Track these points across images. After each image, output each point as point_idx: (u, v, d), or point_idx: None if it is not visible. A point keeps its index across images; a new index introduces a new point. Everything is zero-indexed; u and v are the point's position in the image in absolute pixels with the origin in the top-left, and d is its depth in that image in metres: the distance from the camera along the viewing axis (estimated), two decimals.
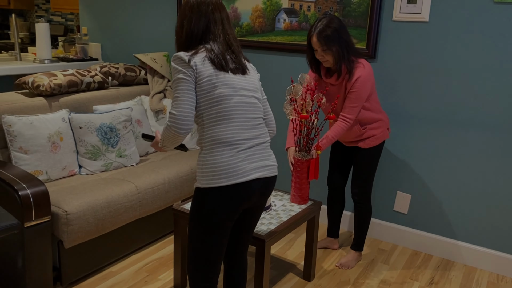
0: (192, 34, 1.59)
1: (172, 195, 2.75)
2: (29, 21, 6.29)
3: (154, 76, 3.41)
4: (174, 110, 1.50)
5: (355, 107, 2.27)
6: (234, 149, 1.54)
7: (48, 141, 2.48)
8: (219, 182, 1.52)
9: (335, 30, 2.17)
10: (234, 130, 1.55)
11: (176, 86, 1.52)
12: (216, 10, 1.61)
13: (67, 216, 2.14)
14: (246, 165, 1.56)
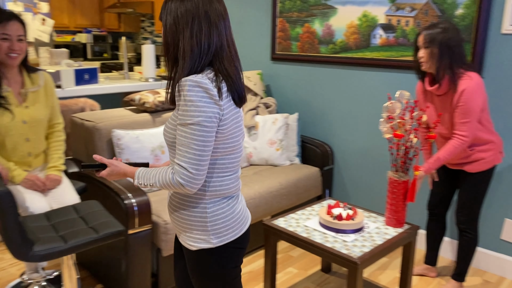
0: (207, 50, 1.20)
1: (262, 209, 2.78)
2: (136, 42, 6.86)
3: (247, 94, 3.51)
4: (191, 167, 1.18)
5: (467, 123, 2.11)
6: (239, 198, 1.40)
7: (151, 154, 2.65)
8: (234, 234, 1.34)
9: (444, 32, 2.07)
10: (238, 179, 1.38)
11: (195, 132, 1.16)
12: (226, 18, 1.25)
13: (166, 225, 2.26)
14: (244, 207, 1.43)
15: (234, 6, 3.83)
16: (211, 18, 1.20)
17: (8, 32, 1.95)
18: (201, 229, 1.29)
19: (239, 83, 1.25)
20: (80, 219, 1.92)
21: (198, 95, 1.14)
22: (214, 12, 1.20)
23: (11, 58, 1.98)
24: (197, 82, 1.15)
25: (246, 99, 1.31)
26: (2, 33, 1.94)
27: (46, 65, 4.31)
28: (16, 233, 1.82)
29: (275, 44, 3.59)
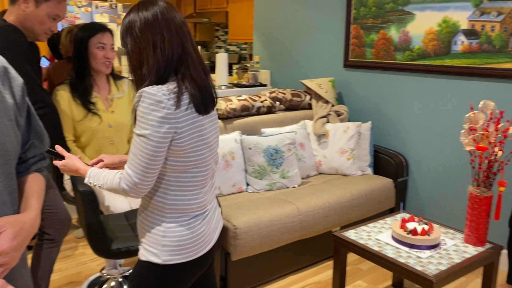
0: (171, 58, 1.18)
1: (331, 220, 2.73)
2: (210, 51, 7.08)
3: (318, 101, 3.48)
4: (135, 176, 1.16)
5: None
6: (204, 218, 1.30)
7: (222, 159, 2.71)
8: (188, 256, 1.26)
9: None
10: (205, 196, 1.29)
11: (142, 143, 1.15)
12: (185, 24, 1.23)
13: (235, 230, 2.29)
14: (210, 229, 1.33)
15: (305, 13, 3.83)
16: (171, 26, 1.18)
17: (104, 41, 2.10)
18: (155, 242, 1.24)
19: (205, 88, 1.22)
20: None
21: (150, 107, 1.12)
22: (173, 20, 1.19)
23: (106, 66, 2.13)
24: (150, 94, 1.13)
25: (213, 106, 1.27)
26: (99, 42, 2.09)
27: (127, 72, 4.58)
28: (97, 230, 1.94)
29: (348, 51, 3.52)
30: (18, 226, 0.88)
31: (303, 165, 3.08)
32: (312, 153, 3.17)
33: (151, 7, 1.19)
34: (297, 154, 3.05)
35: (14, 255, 0.86)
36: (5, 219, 0.86)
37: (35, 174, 1.06)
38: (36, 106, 1.78)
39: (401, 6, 3.11)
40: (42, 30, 1.86)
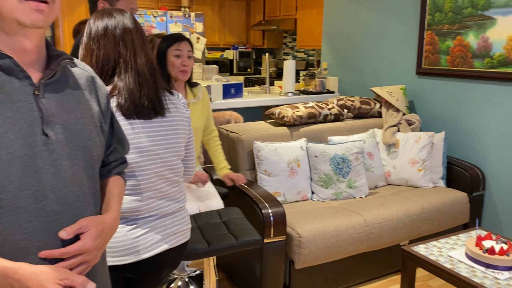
0: (105, 65, 1.31)
1: (400, 233, 2.63)
2: (277, 57, 7.14)
3: (388, 109, 3.38)
4: None
5: None
6: (146, 223, 1.33)
7: (288, 166, 2.72)
8: (122, 259, 1.30)
9: None
10: (147, 201, 1.32)
11: None
12: (128, 34, 1.32)
13: (300, 238, 2.28)
14: (155, 235, 1.34)
15: (376, 19, 3.74)
16: (110, 36, 1.29)
17: (181, 48, 2.20)
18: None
19: (139, 95, 1.28)
20: (222, 224, 2.05)
21: None
22: (115, 30, 1.30)
23: (183, 74, 2.22)
24: None
25: (154, 113, 1.30)
26: (176, 49, 2.19)
27: (198, 79, 4.74)
28: None
29: (422, 58, 3.39)
30: (101, 226, 0.94)
31: (371, 175, 3.00)
32: (380, 163, 3.08)
33: (101, 19, 1.32)
34: (365, 164, 2.98)
35: (96, 253, 0.93)
36: (89, 220, 0.93)
37: (116, 177, 1.13)
38: None
39: (480, 11, 2.94)
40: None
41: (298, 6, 5.84)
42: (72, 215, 0.91)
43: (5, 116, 0.82)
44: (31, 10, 0.83)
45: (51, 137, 0.88)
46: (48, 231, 0.87)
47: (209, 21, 6.74)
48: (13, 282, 0.80)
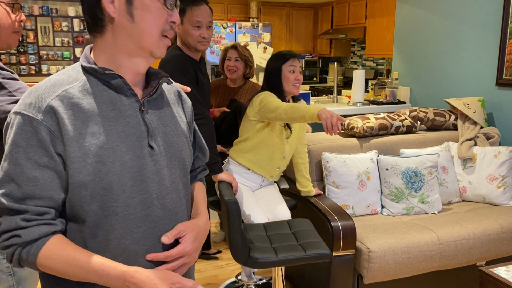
0: None
1: (476, 252, 2.50)
2: (344, 66, 7.06)
3: (465, 122, 3.22)
4: None
5: None
6: None
7: (357, 179, 2.68)
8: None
9: None
10: None
11: None
12: None
13: (369, 253, 2.24)
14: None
15: (452, 27, 3.59)
16: None
17: (295, 64, 2.33)
18: None
19: None
20: (292, 235, 2.07)
21: None
22: None
23: (296, 88, 2.34)
24: None
25: None
26: (291, 65, 2.32)
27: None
28: (238, 237, 2.07)
29: (503, 68, 3.21)
30: (196, 230, 1.02)
31: (445, 190, 2.88)
32: (455, 178, 2.95)
33: None
34: (439, 178, 2.86)
35: (195, 255, 1.01)
36: (185, 224, 1.01)
37: (199, 183, 1.21)
38: (196, 117, 2.01)
39: None
40: (194, 40, 2.07)
41: (368, 15, 5.75)
42: (172, 220, 0.99)
43: (117, 130, 0.92)
44: (164, 46, 0.96)
45: (155, 149, 0.96)
46: (154, 235, 0.95)
47: (276, 30, 6.82)
48: (130, 285, 0.88)
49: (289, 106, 2.06)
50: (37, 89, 0.89)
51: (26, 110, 0.87)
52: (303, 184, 2.54)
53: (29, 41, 5.82)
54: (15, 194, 0.86)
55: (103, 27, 0.92)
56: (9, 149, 0.87)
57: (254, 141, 2.34)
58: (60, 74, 0.93)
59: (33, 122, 0.86)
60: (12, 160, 0.86)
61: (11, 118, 0.88)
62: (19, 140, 0.86)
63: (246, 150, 2.36)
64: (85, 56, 0.95)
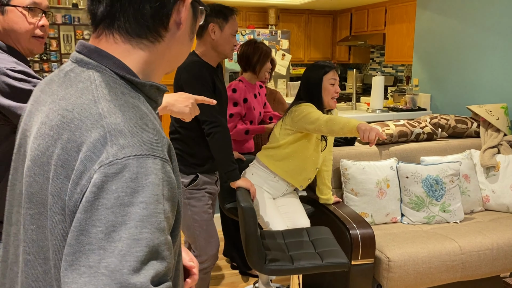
0: None
1: (500, 263, 2.42)
2: (363, 73, 7.00)
3: (487, 129, 3.15)
4: None
5: None
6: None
7: (376, 186, 2.64)
8: None
9: None
10: None
11: None
12: None
13: (389, 262, 2.20)
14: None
15: (473, 33, 3.52)
16: None
17: (335, 77, 2.29)
18: None
19: None
20: (310, 242, 2.05)
21: None
22: None
23: (335, 101, 2.32)
24: None
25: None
26: (332, 78, 2.28)
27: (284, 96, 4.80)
28: (254, 244, 2.06)
29: None
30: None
31: (467, 199, 2.81)
32: (478, 187, 2.88)
33: None
34: (461, 187, 2.79)
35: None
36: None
37: None
38: (212, 125, 2.01)
39: None
40: (230, 48, 2.13)
41: (387, 21, 5.70)
42: None
43: None
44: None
45: None
46: None
47: (294, 37, 6.82)
48: None
49: (329, 118, 2.04)
50: (145, 120, 0.66)
51: (154, 150, 0.64)
52: (323, 191, 2.51)
53: (52, 49, 5.95)
54: (161, 273, 0.62)
55: (161, 38, 0.74)
56: (148, 209, 0.61)
57: (288, 151, 2.29)
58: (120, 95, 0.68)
59: (166, 167, 0.65)
60: (155, 225, 0.61)
61: (128, 165, 0.61)
62: (159, 193, 0.62)
63: (279, 158, 2.31)
64: (122, 67, 0.71)
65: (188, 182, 2.12)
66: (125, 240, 0.58)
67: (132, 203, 0.60)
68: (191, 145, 2.12)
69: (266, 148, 2.37)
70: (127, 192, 0.60)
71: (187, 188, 2.12)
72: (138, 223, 0.59)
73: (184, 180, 2.12)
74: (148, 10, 0.71)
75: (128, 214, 0.59)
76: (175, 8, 0.73)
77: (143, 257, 0.59)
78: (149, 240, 0.60)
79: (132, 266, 0.58)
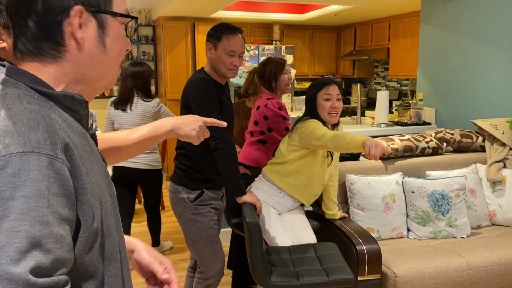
0: None
1: (508, 279, 2.40)
2: (368, 87, 7.03)
3: (493, 144, 3.15)
4: None
5: None
6: None
7: (382, 201, 2.63)
8: None
9: None
10: None
11: None
12: None
13: (395, 278, 2.18)
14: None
15: (478, 47, 3.54)
16: None
17: (330, 92, 2.28)
18: None
19: None
20: (316, 258, 2.04)
21: None
22: None
23: (332, 117, 2.29)
24: None
25: None
26: (326, 93, 2.28)
27: (288, 110, 4.82)
28: (259, 259, 2.05)
29: None
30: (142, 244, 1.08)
31: (473, 213, 2.79)
32: (484, 201, 2.86)
33: None
34: (467, 201, 2.78)
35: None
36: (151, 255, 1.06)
37: None
38: (218, 141, 2.02)
39: None
40: (226, 67, 2.10)
41: (391, 36, 5.74)
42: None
43: (95, 166, 0.79)
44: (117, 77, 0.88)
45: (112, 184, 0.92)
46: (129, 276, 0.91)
47: (299, 52, 6.87)
48: None
49: (335, 134, 2.05)
50: (37, 122, 0.69)
51: (40, 148, 0.66)
52: (329, 207, 2.51)
53: None
54: (45, 265, 0.63)
55: (60, 53, 0.76)
56: (29, 203, 0.63)
57: (295, 166, 2.29)
58: (25, 104, 0.71)
59: (56, 164, 0.67)
60: (37, 218, 0.63)
61: (11, 161, 0.64)
62: (42, 189, 0.65)
63: (285, 174, 2.31)
64: (37, 80, 0.75)
65: (194, 197, 2.12)
66: (5, 232, 0.61)
67: (13, 197, 0.63)
68: (196, 161, 2.13)
69: (272, 163, 2.37)
70: (9, 187, 0.63)
71: (192, 204, 2.13)
72: (18, 215, 0.62)
73: (190, 195, 2.12)
74: (33, 31, 0.75)
75: (9, 208, 0.62)
76: (64, 23, 0.75)
77: (23, 248, 0.61)
78: (29, 232, 0.62)
79: (11, 257, 0.60)
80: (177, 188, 2.15)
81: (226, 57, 2.07)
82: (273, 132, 2.67)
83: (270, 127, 2.65)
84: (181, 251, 3.56)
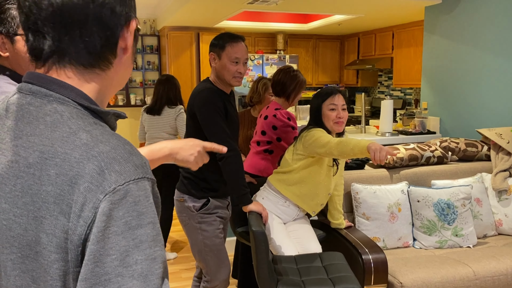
0: None
1: None
2: (371, 96, 7.04)
3: (498, 153, 3.14)
4: None
5: None
6: None
7: (388, 210, 2.63)
8: None
9: None
10: None
11: None
12: None
13: (401, 287, 2.17)
14: None
15: (482, 56, 3.55)
16: None
17: (335, 102, 2.29)
18: None
19: None
20: (322, 268, 2.04)
21: None
22: None
23: (337, 125, 2.29)
24: None
25: None
26: (331, 103, 2.28)
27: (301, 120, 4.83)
28: (265, 268, 2.05)
29: None
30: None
31: (479, 223, 2.79)
32: (490, 210, 2.85)
33: None
34: (473, 211, 2.77)
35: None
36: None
37: None
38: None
39: None
40: (231, 75, 2.11)
41: (395, 45, 5.77)
42: None
43: None
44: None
45: None
46: None
47: (302, 62, 6.90)
48: None
49: (340, 140, 2.05)
50: (126, 144, 0.67)
51: (145, 173, 0.66)
52: (334, 216, 2.51)
53: None
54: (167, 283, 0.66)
55: (110, 62, 0.73)
56: (155, 228, 0.64)
57: (300, 175, 2.29)
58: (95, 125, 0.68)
59: (155, 188, 0.68)
60: (161, 242, 0.65)
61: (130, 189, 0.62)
62: (155, 212, 0.66)
63: (290, 183, 2.31)
64: (84, 97, 0.71)
65: (199, 206, 2.13)
66: (143, 261, 0.60)
67: (141, 226, 0.62)
68: (202, 169, 2.14)
69: (278, 172, 2.38)
70: (134, 216, 0.61)
71: (198, 212, 2.13)
72: (151, 243, 0.62)
73: (195, 204, 2.13)
74: (98, 40, 0.70)
75: (138, 236, 0.61)
76: (121, 34, 0.73)
77: (162, 274, 0.62)
78: (162, 257, 0.64)
79: (156, 284, 0.61)
80: (183, 196, 2.16)
81: (231, 65, 2.09)
82: (282, 142, 2.68)
83: (279, 137, 2.67)
84: (186, 261, 3.56)
